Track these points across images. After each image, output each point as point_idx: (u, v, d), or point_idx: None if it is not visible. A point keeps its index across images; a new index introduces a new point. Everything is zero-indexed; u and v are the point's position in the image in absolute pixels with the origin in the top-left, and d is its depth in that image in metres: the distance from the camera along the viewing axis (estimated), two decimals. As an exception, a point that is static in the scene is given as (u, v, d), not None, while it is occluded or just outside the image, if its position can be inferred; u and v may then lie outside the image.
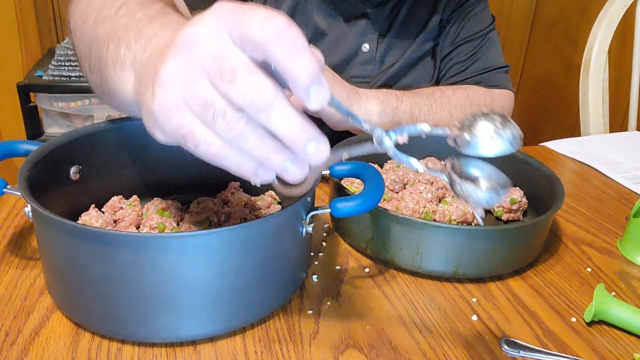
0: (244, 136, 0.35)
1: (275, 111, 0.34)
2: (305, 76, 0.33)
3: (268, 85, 0.34)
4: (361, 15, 0.92)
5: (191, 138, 0.36)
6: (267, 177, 0.38)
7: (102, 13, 0.54)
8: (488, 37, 0.98)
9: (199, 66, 0.34)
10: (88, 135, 0.60)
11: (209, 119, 0.35)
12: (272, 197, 0.67)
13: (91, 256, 0.46)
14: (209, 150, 0.36)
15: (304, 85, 0.33)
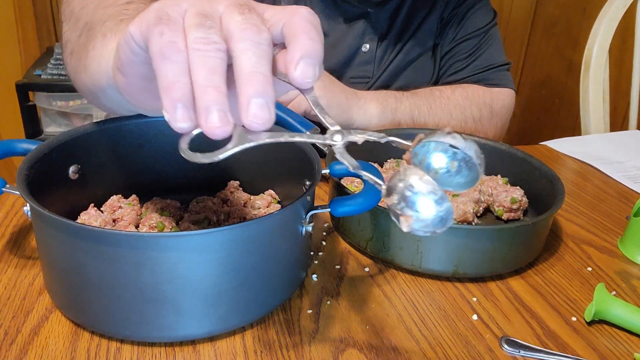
0: (209, 55, 0.33)
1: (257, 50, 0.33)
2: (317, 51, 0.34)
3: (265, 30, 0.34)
4: (362, 15, 0.92)
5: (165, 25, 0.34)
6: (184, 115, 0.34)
7: (107, 2, 0.54)
8: (489, 34, 0.98)
9: None
10: (87, 135, 0.60)
11: (194, 24, 0.34)
12: (272, 196, 0.67)
13: (90, 255, 0.46)
14: (166, 43, 0.34)
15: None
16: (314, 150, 0.59)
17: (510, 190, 0.71)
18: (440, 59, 0.99)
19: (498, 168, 0.77)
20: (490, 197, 0.72)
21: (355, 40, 0.93)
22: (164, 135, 0.65)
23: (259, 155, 0.67)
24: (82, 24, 0.55)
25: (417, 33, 0.95)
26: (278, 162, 0.65)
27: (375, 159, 0.76)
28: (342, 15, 0.92)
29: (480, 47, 0.97)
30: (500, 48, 1.00)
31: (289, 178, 0.64)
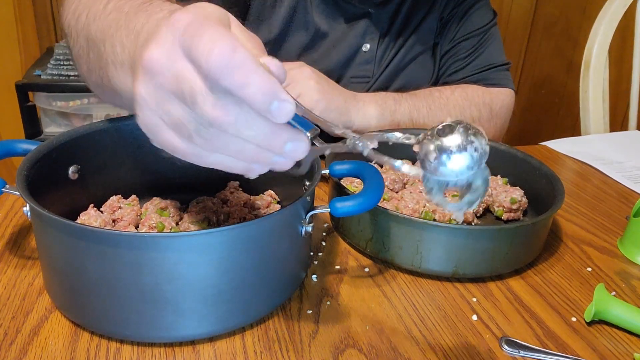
0: (224, 146, 0.36)
1: (242, 125, 0.35)
2: (261, 99, 0.33)
3: (230, 104, 0.34)
4: (362, 15, 0.92)
5: (178, 152, 0.38)
6: (261, 171, 0.39)
7: (93, 10, 0.53)
8: (489, 33, 0.98)
9: (164, 89, 0.36)
10: (87, 135, 0.60)
11: (187, 137, 0.36)
12: (272, 196, 0.67)
13: (90, 256, 0.46)
14: (200, 162, 0.38)
15: (263, 107, 0.34)
16: (314, 150, 0.59)
17: (510, 190, 0.71)
18: (440, 58, 0.99)
19: (498, 168, 0.77)
20: (490, 197, 0.72)
21: (355, 40, 0.93)
22: (163, 136, 0.65)
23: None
24: (83, 40, 0.55)
25: (417, 32, 0.95)
26: (278, 163, 0.65)
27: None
28: (343, 15, 0.92)
29: (480, 47, 0.97)
30: (500, 48, 1.00)
31: (288, 178, 0.64)
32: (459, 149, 0.34)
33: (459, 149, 0.34)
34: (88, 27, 0.53)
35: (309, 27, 0.91)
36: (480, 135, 0.35)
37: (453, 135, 0.35)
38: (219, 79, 0.33)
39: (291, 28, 0.91)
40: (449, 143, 0.35)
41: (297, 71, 0.77)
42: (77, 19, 0.56)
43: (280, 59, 0.37)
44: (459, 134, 0.35)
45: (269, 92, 0.33)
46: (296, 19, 0.90)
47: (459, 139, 0.35)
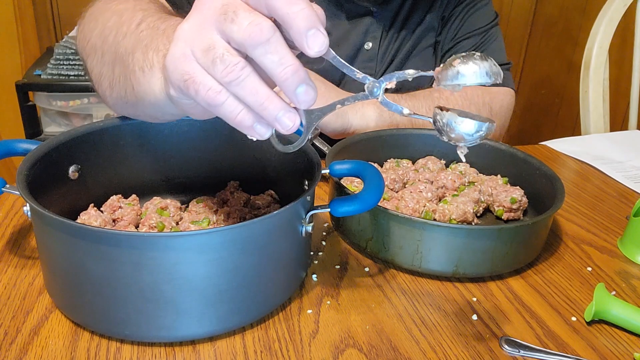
0: (240, 80, 0.38)
1: (271, 47, 0.37)
2: (301, 21, 0.36)
3: (267, 22, 0.37)
4: (365, 13, 0.92)
5: (192, 83, 0.39)
6: (263, 130, 0.41)
7: (122, 29, 0.55)
8: (490, 33, 0.98)
9: (208, 17, 0.38)
10: (87, 134, 0.60)
11: (209, 63, 0.38)
12: (272, 196, 0.67)
13: (90, 255, 0.46)
14: (207, 95, 0.39)
15: (301, 30, 0.36)
16: (314, 150, 0.59)
17: (510, 190, 0.71)
18: (441, 57, 0.99)
19: (498, 168, 0.77)
20: (490, 197, 0.72)
21: (358, 39, 0.93)
22: (164, 136, 0.65)
23: (259, 155, 0.67)
24: (109, 57, 0.57)
25: (418, 31, 0.95)
26: (278, 162, 0.65)
27: (375, 159, 0.76)
28: (345, 14, 0.92)
29: (480, 46, 0.97)
30: (501, 48, 1.00)
31: (289, 178, 0.64)
32: (480, 57, 0.39)
33: (480, 57, 0.39)
34: (117, 44, 0.55)
35: None
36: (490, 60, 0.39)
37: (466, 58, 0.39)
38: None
39: None
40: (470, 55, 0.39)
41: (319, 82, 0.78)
42: (105, 39, 0.58)
43: None
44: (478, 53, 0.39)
45: (311, 19, 0.36)
46: None
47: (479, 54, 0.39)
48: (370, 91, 0.42)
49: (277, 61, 0.37)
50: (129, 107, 0.57)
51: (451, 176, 0.73)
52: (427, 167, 0.77)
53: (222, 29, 0.38)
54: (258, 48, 0.37)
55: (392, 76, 0.41)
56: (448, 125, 0.40)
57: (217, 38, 0.38)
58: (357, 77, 0.42)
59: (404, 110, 0.42)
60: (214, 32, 0.38)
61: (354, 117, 0.82)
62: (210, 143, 0.66)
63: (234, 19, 0.37)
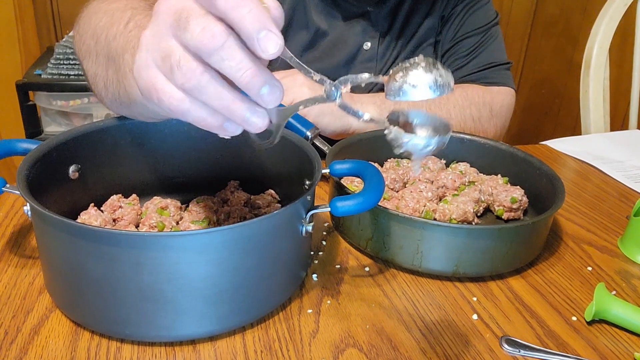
0: (201, 86, 0.37)
1: (227, 52, 0.36)
2: (250, 24, 0.35)
3: (218, 27, 0.36)
4: (361, 14, 0.92)
5: (155, 92, 0.39)
6: (233, 129, 0.40)
7: (112, 30, 0.55)
8: (490, 32, 0.98)
9: (165, 23, 0.37)
10: (87, 134, 0.60)
11: (169, 71, 0.37)
12: (272, 195, 0.67)
13: (90, 255, 0.46)
14: (171, 103, 0.38)
15: (251, 33, 0.35)
16: (314, 150, 0.59)
17: (510, 189, 0.71)
18: (441, 57, 0.99)
19: (498, 168, 0.77)
20: (491, 196, 0.72)
21: (356, 39, 0.93)
22: (164, 135, 0.65)
23: (259, 155, 0.67)
24: (102, 59, 0.57)
25: (419, 30, 0.95)
26: (278, 162, 0.65)
27: (376, 159, 0.76)
28: (341, 14, 0.92)
29: (480, 45, 0.97)
30: (501, 47, 1.00)
31: (289, 178, 0.64)
32: (424, 69, 0.37)
33: (424, 69, 0.37)
34: (108, 45, 0.55)
35: (309, 26, 0.91)
36: (444, 69, 0.37)
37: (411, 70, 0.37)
38: (217, 2, 0.35)
39: (291, 28, 0.91)
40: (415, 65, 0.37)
41: (289, 79, 0.78)
42: (97, 40, 0.58)
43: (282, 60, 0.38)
44: (424, 62, 0.37)
45: (261, 20, 0.35)
46: (296, 19, 0.90)
47: (424, 64, 0.37)
48: (328, 94, 0.41)
49: (235, 67, 0.36)
50: (123, 107, 0.57)
51: (451, 176, 0.73)
52: (427, 166, 0.77)
53: (177, 35, 0.37)
54: (213, 55, 0.36)
55: (347, 80, 0.41)
56: (395, 140, 0.40)
57: (174, 44, 0.37)
58: (314, 79, 0.40)
59: (363, 116, 0.41)
60: (171, 39, 0.37)
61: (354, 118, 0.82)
62: (210, 143, 0.66)
63: (186, 27, 0.36)
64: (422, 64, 0.37)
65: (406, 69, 0.37)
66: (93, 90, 0.62)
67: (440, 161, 0.78)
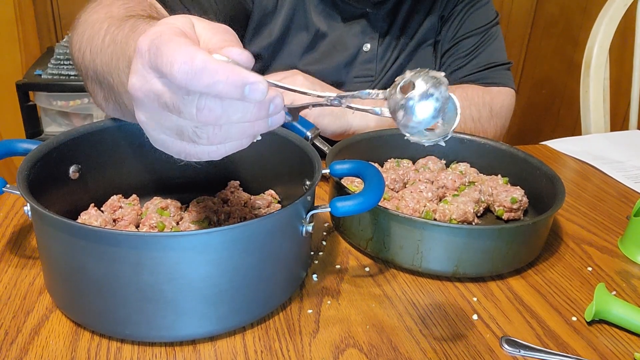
0: (226, 136, 0.39)
1: (229, 115, 0.37)
2: (233, 91, 0.36)
3: (210, 102, 0.37)
4: (361, 15, 0.92)
5: (191, 157, 0.41)
6: (259, 137, 0.42)
7: (94, 45, 0.56)
8: (490, 32, 0.97)
9: (154, 107, 0.39)
10: (87, 134, 0.60)
11: (190, 140, 0.39)
12: (272, 196, 0.67)
13: (90, 255, 0.46)
14: (211, 157, 0.41)
15: (238, 96, 0.36)
16: (314, 150, 0.59)
17: (510, 190, 0.71)
18: (441, 57, 0.99)
19: (498, 168, 0.77)
20: (491, 197, 0.72)
21: (355, 40, 0.93)
22: (164, 135, 0.65)
23: (259, 155, 0.67)
24: (92, 73, 0.58)
25: (418, 31, 0.95)
26: (278, 162, 0.65)
27: (376, 159, 0.76)
28: (341, 15, 0.92)
29: (480, 45, 0.97)
30: (501, 47, 1.00)
31: (289, 178, 0.64)
32: (421, 106, 0.37)
33: (422, 105, 0.37)
34: (94, 62, 0.56)
35: (308, 28, 0.91)
36: (439, 84, 0.37)
37: (415, 91, 0.37)
38: (188, 87, 0.36)
39: (291, 30, 0.91)
40: (412, 102, 0.37)
41: (289, 80, 0.79)
42: (83, 55, 0.59)
43: (283, 60, 0.39)
44: (419, 90, 0.37)
45: (238, 81, 0.36)
46: (296, 21, 0.90)
47: (420, 92, 0.37)
48: (331, 102, 0.43)
49: (242, 117, 0.38)
50: (127, 117, 0.58)
51: (451, 176, 0.73)
52: (427, 167, 0.77)
53: (177, 115, 0.38)
54: (219, 122, 0.38)
55: (348, 97, 0.42)
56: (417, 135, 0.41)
57: (178, 120, 0.38)
58: (318, 97, 0.42)
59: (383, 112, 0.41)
60: (172, 116, 0.38)
61: (354, 118, 0.82)
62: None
63: (180, 112, 0.37)
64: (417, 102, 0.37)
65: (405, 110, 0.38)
66: (94, 100, 0.63)
67: (441, 161, 0.78)
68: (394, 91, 0.39)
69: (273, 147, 0.64)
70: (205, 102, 0.37)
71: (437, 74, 0.38)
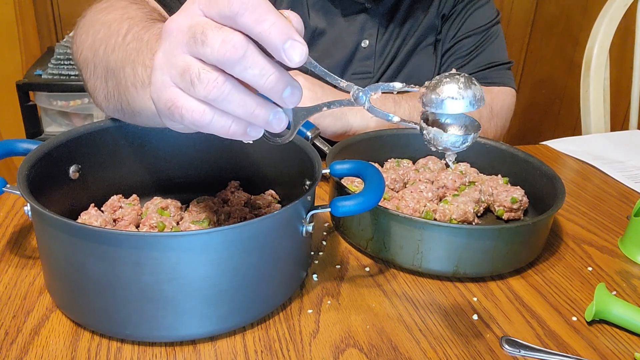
0: (224, 95, 0.37)
1: (249, 61, 0.36)
2: (275, 37, 0.35)
3: (238, 37, 0.36)
4: (360, 10, 0.92)
5: (176, 109, 0.39)
6: (256, 134, 0.40)
7: (111, 42, 0.55)
8: (490, 32, 0.97)
9: (178, 42, 0.38)
10: (87, 134, 0.60)
11: (189, 85, 0.38)
12: (272, 196, 0.67)
13: (90, 255, 0.46)
14: (193, 118, 0.39)
15: (277, 45, 0.36)
16: (315, 150, 0.59)
17: (510, 190, 0.71)
18: (442, 56, 0.99)
19: (498, 168, 0.77)
20: (491, 197, 0.72)
21: (354, 36, 0.93)
22: (164, 135, 0.65)
23: (259, 155, 0.67)
24: (101, 71, 0.57)
25: (418, 29, 0.95)
26: (278, 162, 0.65)
27: (376, 159, 0.76)
28: (340, 11, 0.92)
29: (481, 45, 0.97)
30: (502, 46, 1.00)
31: (289, 178, 0.64)
32: (464, 84, 0.38)
33: (464, 84, 0.38)
34: (107, 58, 0.55)
35: (307, 25, 0.91)
36: (475, 85, 0.39)
37: (451, 84, 0.38)
38: (238, 16, 0.35)
39: None
40: (449, 91, 0.38)
41: None
42: (95, 52, 0.58)
43: None
44: (463, 77, 0.39)
45: (284, 30, 0.35)
46: None
47: (464, 79, 0.38)
48: (356, 98, 0.41)
49: (259, 74, 0.37)
50: (127, 117, 0.58)
51: (452, 176, 0.73)
52: (427, 167, 0.77)
53: (194, 52, 0.37)
54: (236, 66, 0.36)
55: (378, 87, 0.41)
56: (434, 139, 0.41)
57: (190, 59, 0.38)
58: (340, 85, 0.41)
59: (393, 119, 0.42)
60: (187, 55, 0.38)
61: (354, 119, 0.82)
62: (210, 143, 0.66)
63: (204, 41, 0.36)
64: (461, 79, 0.38)
65: (446, 83, 0.38)
66: (93, 100, 0.63)
67: (441, 161, 0.78)
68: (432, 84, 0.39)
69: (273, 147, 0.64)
70: (234, 37, 0.36)
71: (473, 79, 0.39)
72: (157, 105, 0.40)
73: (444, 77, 0.39)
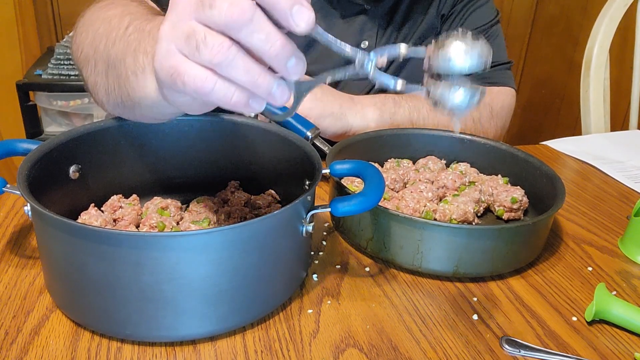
0: (229, 60, 0.37)
1: (256, 25, 0.36)
2: (283, 1, 0.35)
3: (246, 1, 0.36)
4: (359, 12, 0.92)
5: (178, 75, 0.38)
6: (258, 105, 0.40)
7: (112, 36, 0.55)
8: (490, 31, 0.97)
9: (185, 10, 0.37)
10: (87, 134, 0.60)
11: (194, 50, 0.37)
12: (272, 196, 0.67)
13: (91, 255, 0.46)
14: (195, 84, 0.38)
15: (285, 8, 0.35)
16: (315, 150, 0.59)
17: (510, 190, 0.71)
18: None
19: (498, 168, 0.77)
20: (491, 197, 0.72)
21: (353, 38, 0.93)
22: (164, 135, 0.65)
23: (259, 155, 0.67)
24: (102, 66, 0.57)
25: (417, 29, 0.95)
26: (278, 162, 0.65)
27: (376, 159, 0.76)
28: (339, 12, 0.92)
29: None
30: (502, 46, 1.00)
31: (289, 178, 0.64)
32: (466, 49, 0.38)
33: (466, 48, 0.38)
34: (108, 51, 0.55)
35: None
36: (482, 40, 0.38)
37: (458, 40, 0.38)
38: None
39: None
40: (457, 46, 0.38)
41: None
42: (96, 48, 0.58)
43: None
44: (462, 40, 0.38)
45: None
46: None
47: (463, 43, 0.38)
48: (361, 65, 0.41)
49: (265, 39, 0.36)
50: (127, 111, 0.57)
51: (452, 176, 0.73)
52: (427, 167, 0.77)
53: (201, 17, 0.37)
54: (243, 29, 0.36)
55: (384, 50, 0.40)
56: (442, 96, 0.40)
57: (196, 24, 0.37)
58: (347, 51, 0.41)
59: (397, 82, 0.41)
60: (193, 20, 0.37)
61: (354, 119, 0.82)
62: (210, 143, 0.66)
63: (212, 4, 0.36)
64: (468, 34, 0.38)
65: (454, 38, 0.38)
66: (93, 98, 0.62)
67: (441, 161, 0.78)
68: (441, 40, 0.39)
69: (273, 147, 0.64)
70: (242, 1, 0.35)
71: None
72: (159, 75, 0.40)
73: (451, 35, 0.38)
